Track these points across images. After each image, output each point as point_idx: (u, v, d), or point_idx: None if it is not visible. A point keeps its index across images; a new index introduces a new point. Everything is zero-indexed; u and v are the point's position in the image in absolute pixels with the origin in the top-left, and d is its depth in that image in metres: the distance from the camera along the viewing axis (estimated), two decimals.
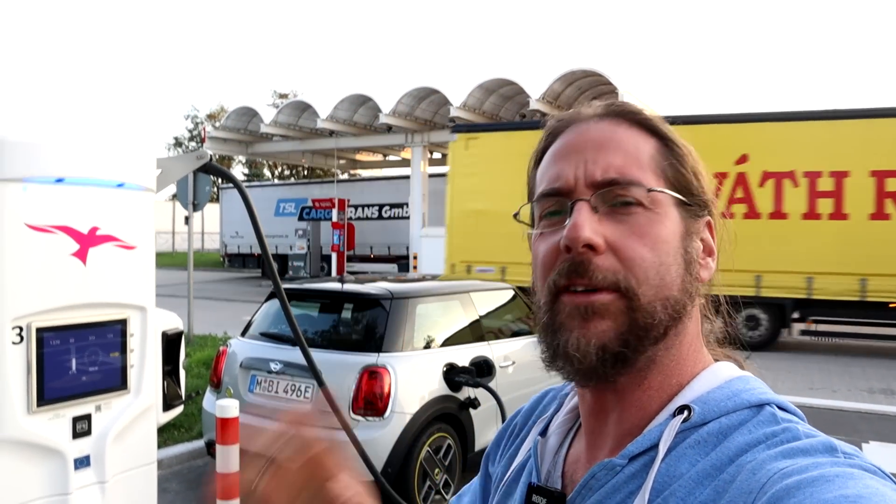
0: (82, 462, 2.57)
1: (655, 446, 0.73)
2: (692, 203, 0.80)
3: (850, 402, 8.55)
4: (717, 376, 0.78)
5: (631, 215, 0.76)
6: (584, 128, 0.82)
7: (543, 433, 0.91)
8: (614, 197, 0.77)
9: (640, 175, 0.77)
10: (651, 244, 0.75)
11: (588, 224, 0.75)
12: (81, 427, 2.56)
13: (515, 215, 0.88)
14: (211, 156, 2.99)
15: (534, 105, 19.82)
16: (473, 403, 5.42)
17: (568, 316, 0.76)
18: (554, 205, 0.80)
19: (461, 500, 1.06)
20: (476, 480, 1.06)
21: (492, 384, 5.35)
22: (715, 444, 0.71)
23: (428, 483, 5.02)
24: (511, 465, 0.94)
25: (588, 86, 20.54)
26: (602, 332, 0.74)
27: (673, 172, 0.80)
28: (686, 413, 0.74)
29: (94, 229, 2.52)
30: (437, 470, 5.08)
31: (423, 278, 7.08)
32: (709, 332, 0.84)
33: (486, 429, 5.62)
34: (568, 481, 0.83)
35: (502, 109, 22.16)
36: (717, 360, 0.82)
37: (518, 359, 6.18)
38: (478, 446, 5.53)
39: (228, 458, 3.78)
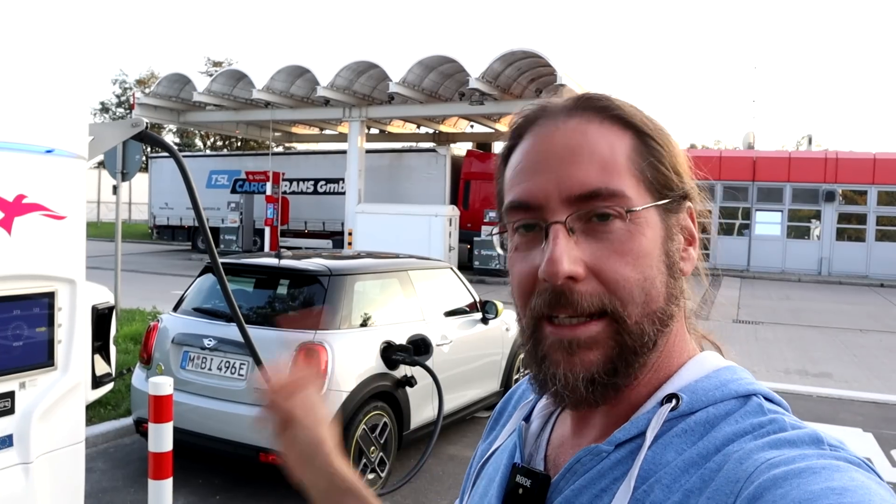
0: (4, 442, 2.44)
1: (642, 434, 0.73)
2: (672, 199, 0.78)
3: (769, 382, 8.91)
4: (703, 366, 0.78)
5: (611, 231, 0.73)
6: (552, 129, 0.77)
7: (527, 418, 0.91)
8: (591, 211, 0.73)
9: (620, 183, 0.74)
10: (633, 261, 0.73)
11: (566, 255, 0.72)
12: (4, 405, 2.43)
13: (485, 222, 0.86)
14: (147, 124, 2.86)
15: (473, 84, 19.80)
16: (410, 382, 5.41)
17: (551, 347, 0.75)
18: (526, 219, 0.77)
19: None
20: None
21: (429, 363, 5.35)
22: (702, 434, 0.71)
23: (363, 461, 5.00)
24: (491, 448, 0.94)
25: (528, 67, 20.62)
26: (589, 363, 0.73)
27: (652, 171, 0.76)
28: (674, 402, 0.74)
29: (21, 197, 2.38)
30: (372, 448, 5.06)
31: (359, 255, 7.01)
32: (689, 313, 0.84)
33: (422, 407, 5.63)
34: (550, 465, 0.83)
35: (441, 87, 22.06)
36: (701, 346, 0.82)
37: (455, 337, 6.20)
38: (413, 425, 5.54)
39: (162, 437, 3.67)
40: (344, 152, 24.37)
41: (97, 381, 2.94)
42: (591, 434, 0.80)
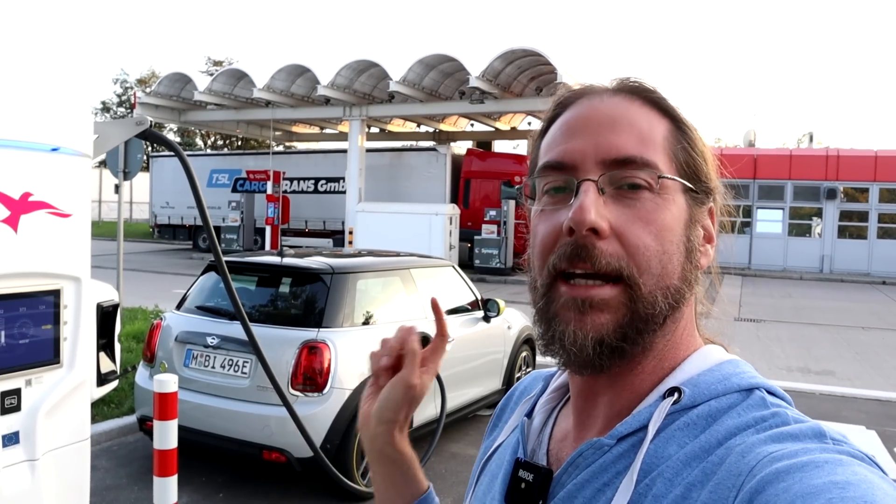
0: (11, 439, 2.45)
1: (644, 427, 0.73)
2: (698, 190, 0.79)
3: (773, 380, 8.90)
4: (707, 359, 0.78)
5: (638, 200, 0.75)
6: (595, 102, 0.80)
7: (529, 414, 0.91)
8: (623, 178, 0.75)
9: (654, 156, 0.76)
10: (656, 231, 0.74)
11: (594, 207, 0.73)
12: (10, 402, 2.44)
13: (513, 188, 0.87)
14: (151, 122, 2.87)
15: (473, 82, 19.80)
16: None
17: (563, 306, 0.75)
18: (558, 181, 0.78)
19: None
20: None
21: None
22: (704, 427, 0.71)
23: (367, 460, 5.00)
24: (493, 444, 0.94)
25: (528, 65, 20.61)
26: (600, 325, 0.73)
27: (684, 156, 0.78)
28: (676, 395, 0.74)
29: (27, 195, 2.38)
30: None
31: (360, 253, 7.01)
32: (699, 316, 0.84)
33: (424, 405, 5.63)
34: (553, 459, 0.83)
35: (442, 86, 22.05)
36: (706, 344, 0.82)
37: (457, 335, 6.20)
38: (416, 423, 5.53)
39: (166, 434, 3.68)
40: (344, 151, 24.38)
41: (102, 379, 2.95)
42: (593, 428, 0.80)
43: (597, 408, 0.80)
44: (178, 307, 5.67)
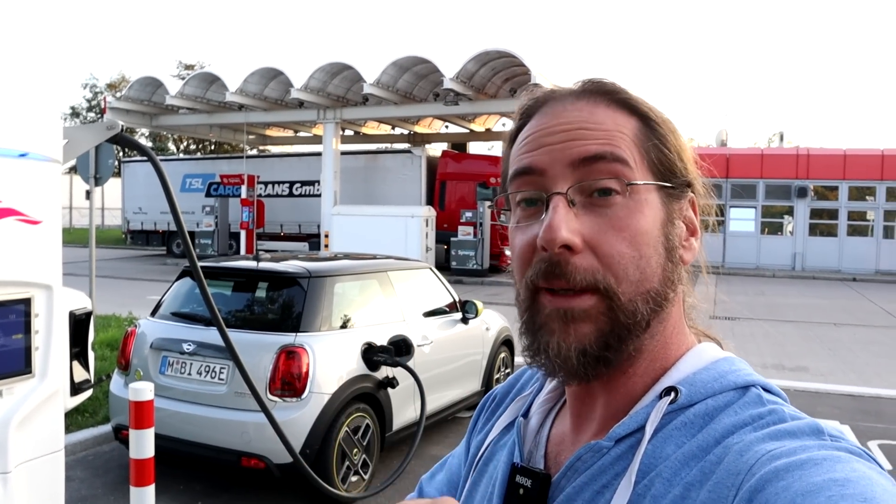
0: None
1: (642, 428, 0.73)
2: (675, 185, 0.78)
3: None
4: (701, 357, 0.78)
5: (609, 207, 0.74)
6: (559, 108, 0.79)
7: (525, 414, 0.89)
8: (594, 183, 0.74)
9: (624, 152, 0.75)
10: (630, 237, 0.73)
11: (564, 223, 0.72)
12: None
13: (492, 201, 0.85)
14: (122, 126, 2.82)
15: (447, 84, 19.84)
16: (391, 383, 5.39)
17: (548, 317, 0.74)
18: (529, 192, 0.78)
19: (433, 477, 1.05)
20: (451, 458, 1.04)
21: (410, 363, 5.34)
22: (701, 426, 0.71)
23: (346, 463, 4.97)
24: (485, 441, 0.93)
25: (502, 66, 20.68)
26: (583, 336, 0.73)
27: (656, 153, 0.78)
28: (673, 395, 0.73)
29: None
30: (355, 450, 5.03)
31: (337, 257, 6.97)
32: (690, 309, 0.84)
33: (404, 408, 5.61)
34: (551, 462, 0.82)
35: (416, 88, 22.04)
36: (700, 341, 0.81)
37: (435, 338, 6.19)
38: (396, 426, 5.52)
39: (143, 443, 3.62)
40: (319, 154, 24.28)
41: (76, 388, 2.90)
42: (590, 429, 0.79)
43: (593, 410, 0.80)
44: (153, 314, 5.59)
